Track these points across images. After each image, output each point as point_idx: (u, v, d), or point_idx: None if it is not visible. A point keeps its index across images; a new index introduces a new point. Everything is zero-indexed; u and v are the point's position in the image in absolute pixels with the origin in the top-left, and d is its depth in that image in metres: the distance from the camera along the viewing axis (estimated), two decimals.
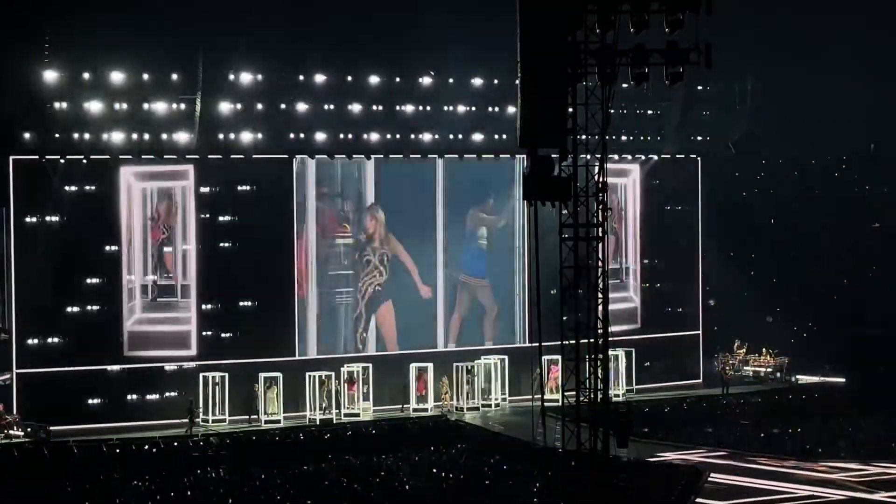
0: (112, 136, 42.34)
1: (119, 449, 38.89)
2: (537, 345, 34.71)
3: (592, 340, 32.90)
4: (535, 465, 35.52)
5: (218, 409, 43.65)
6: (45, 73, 41.34)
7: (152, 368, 43.77)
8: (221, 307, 44.74)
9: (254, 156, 44.27)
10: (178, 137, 43.21)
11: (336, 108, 44.96)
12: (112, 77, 42.15)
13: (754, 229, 53.20)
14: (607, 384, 33.55)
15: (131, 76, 42.35)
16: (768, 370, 51.80)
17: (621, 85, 34.52)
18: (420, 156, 46.76)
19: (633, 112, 48.80)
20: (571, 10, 31.88)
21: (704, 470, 36.26)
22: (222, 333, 44.72)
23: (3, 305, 42.62)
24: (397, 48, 44.80)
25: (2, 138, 41.50)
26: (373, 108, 45.39)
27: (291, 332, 45.68)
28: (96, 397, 42.79)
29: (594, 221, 32.74)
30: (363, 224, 46.72)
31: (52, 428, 40.35)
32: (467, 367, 46.52)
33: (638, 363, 49.32)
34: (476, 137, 46.94)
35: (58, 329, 42.70)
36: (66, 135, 41.92)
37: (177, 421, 42.70)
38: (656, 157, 50.78)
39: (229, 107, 43.69)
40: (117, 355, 43.40)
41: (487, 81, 46.68)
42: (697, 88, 49.39)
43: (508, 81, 44.08)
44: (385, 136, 45.78)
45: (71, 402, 42.07)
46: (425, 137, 46.34)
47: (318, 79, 44.80)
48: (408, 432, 42.28)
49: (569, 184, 32.47)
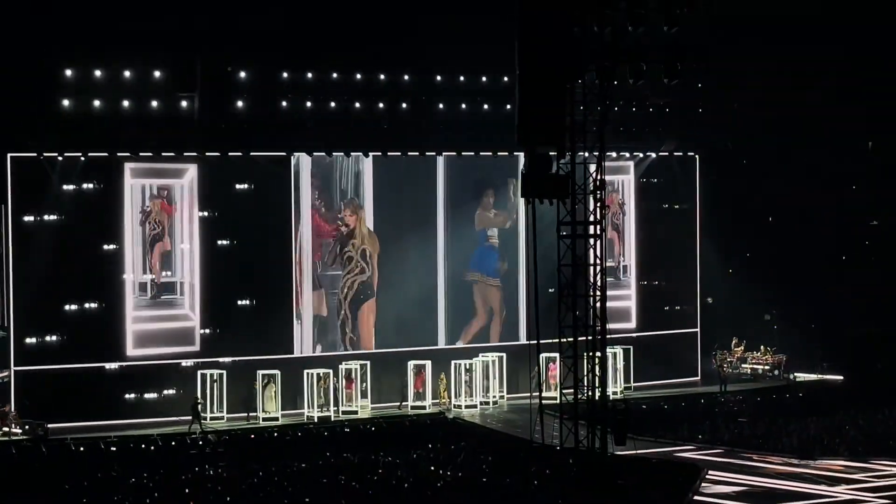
0: (110, 134, 42.27)
1: (117, 446, 38.94)
2: (535, 342, 34.83)
3: (590, 338, 33.00)
4: (533, 462, 35.52)
5: (216, 406, 43.68)
6: (44, 71, 41.30)
7: (150, 366, 43.68)
8: (219, 305, 44.68)
9: (251, 153, 44.27)
10: (177, 135, 43.15)
11: (334, 105, 44.90)
12: (111, 74, 42.09)
13: (752, 227, 53.13)
14: (605, 382, 33.67)
15: (130, 73, 42.29)
16: (766, 368, 51.80)
17: (618, 82, 34.75)
18: (418, 153, 46.71)
19: (631, 109, 48.74)
20: (570, 7, 31.95)
21: (702, 467, 36.28)
22: (219, 330, 44.71)
23: (2, 303, 42.59)
24: (396, 45, 44.74)
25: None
26: (371, 105, 45.36)
27: (289, 329, 45.67)
28: (94, 395, 42.67)
29: (591, 219, 32.78)
30: (343, 218, 46.48)
31: (50, 426, 40.32)
32: (466, 366, 46.49)
33: (636, 361, 49.27)
34: (475, 135, 46.89)
35: (56, 327, 42.60)
36: (65, 132, 41.84)
37: (174, 419, 42.73)
38: (654, 155, 50.77)
39: (228, 104, 43.64)
40: (115, 353, 43.35)
41: (487, 78, 46.63)
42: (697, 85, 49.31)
43: (508, 79, 44.15)
44: (384, 133, 45.73)
45: (69, 399, 41.98)
46: (424, 135, 46.25)
47: (316, 76, 44.76)
48: (406, 430, 42.29)
49: (567, 181, 32.55)
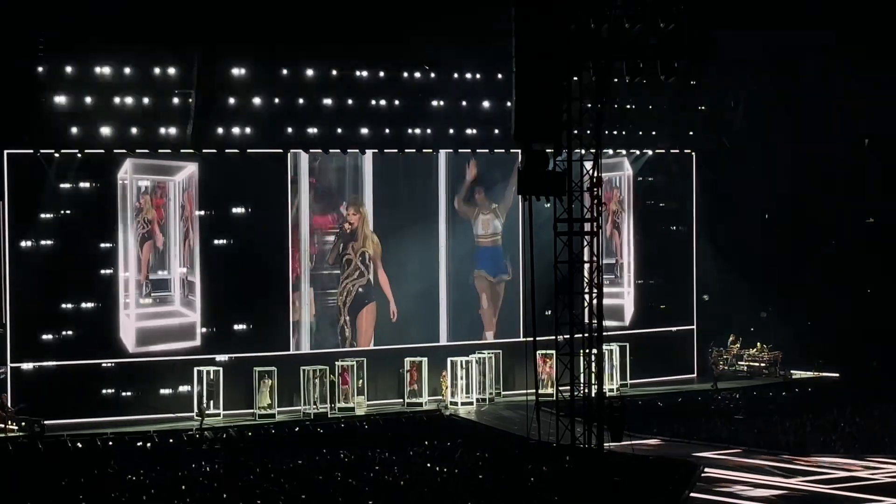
0: (107, 131, 42.25)
1: (113, 443, 38.94)
2: (531, 339, 34.81)
3: (586, 335, 33.01)
4: (529, 459, 35.54)
5: (213, 403, 43.68)
6: (39, 67, 41.27)
7: (147, 363, 43.71)
8: (217, 303, 44.69)
9: (248, 150, 44.23)
10: (173, 132, 43.13)
11: (332, 102, 44.87)
12: (107, 71, 42.06)
13: (748, 224, 53.11)
14: (602, 379, 33.67)
15: (127, 70, 42.26)
16: (762, 365, 51.83)
17: (615, 79, 34.78)
18: (415, 150, 46.67)
19: (627, 106, 48.76)
20: (566, 4, 31.94)
21: (698, 464, 36.31)
22: (216, 328, 44.71)
23: None
24: (394, 42, 44.69)
25: None
26: (369, 102, 45.33)
27: (286, 327, 45.66)
28: (91, 392, 42.71)
29: (588, 216, 32.78)
30: (346, 216, 46.47)
31: (46, 422, 40.31)
32: (462, 362, 46.50)
33: (632, 358, 49.29)
34: (472, 132, 46.87)
35: (53, 324, 42.61)
36: (61, 129, 41.81)
37: (172, 415, 42.74)
38: (651, 153, 50.80)
39: (224, 101, 43.61)
40: (112, 350, 43.35)
41: (484, 75, 46.60)
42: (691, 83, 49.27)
43: (504, 76, 44.14)
44: (382, 130, 45.69)
45: (66, 396, 42.01)
46: (421, 132, 46.19)
47: (313, 73, 44.71)
48: (402, 427, 42.30)
49: (563, 178, 32.54)
